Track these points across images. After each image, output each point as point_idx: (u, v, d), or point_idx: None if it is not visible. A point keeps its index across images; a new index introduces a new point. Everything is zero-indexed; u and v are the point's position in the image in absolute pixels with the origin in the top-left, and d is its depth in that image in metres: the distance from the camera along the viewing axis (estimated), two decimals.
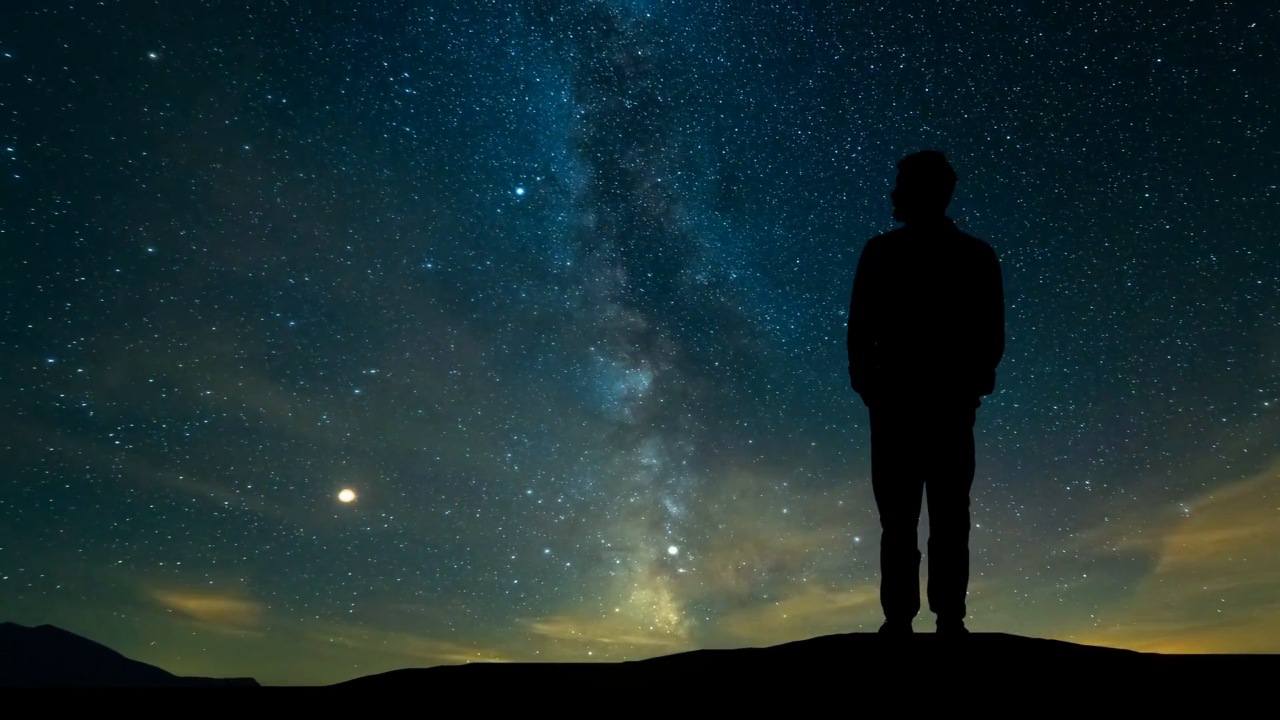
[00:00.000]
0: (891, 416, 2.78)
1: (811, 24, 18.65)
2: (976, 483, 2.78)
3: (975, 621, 2.76)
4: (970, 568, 2.75)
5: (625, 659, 3.43)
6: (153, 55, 16.92)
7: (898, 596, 2.74)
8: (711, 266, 21.23)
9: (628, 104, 19.88)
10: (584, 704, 2.02)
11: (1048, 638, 2.64)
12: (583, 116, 19.94)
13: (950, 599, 2.69)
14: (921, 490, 2.77)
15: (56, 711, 2.35)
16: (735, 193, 20.59)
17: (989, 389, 2.79)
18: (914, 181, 2.85)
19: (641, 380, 21.51)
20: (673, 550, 21.23)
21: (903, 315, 2.77)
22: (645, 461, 21.88)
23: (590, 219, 20.91)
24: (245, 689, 3.06)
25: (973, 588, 2.73)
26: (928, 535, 2.78)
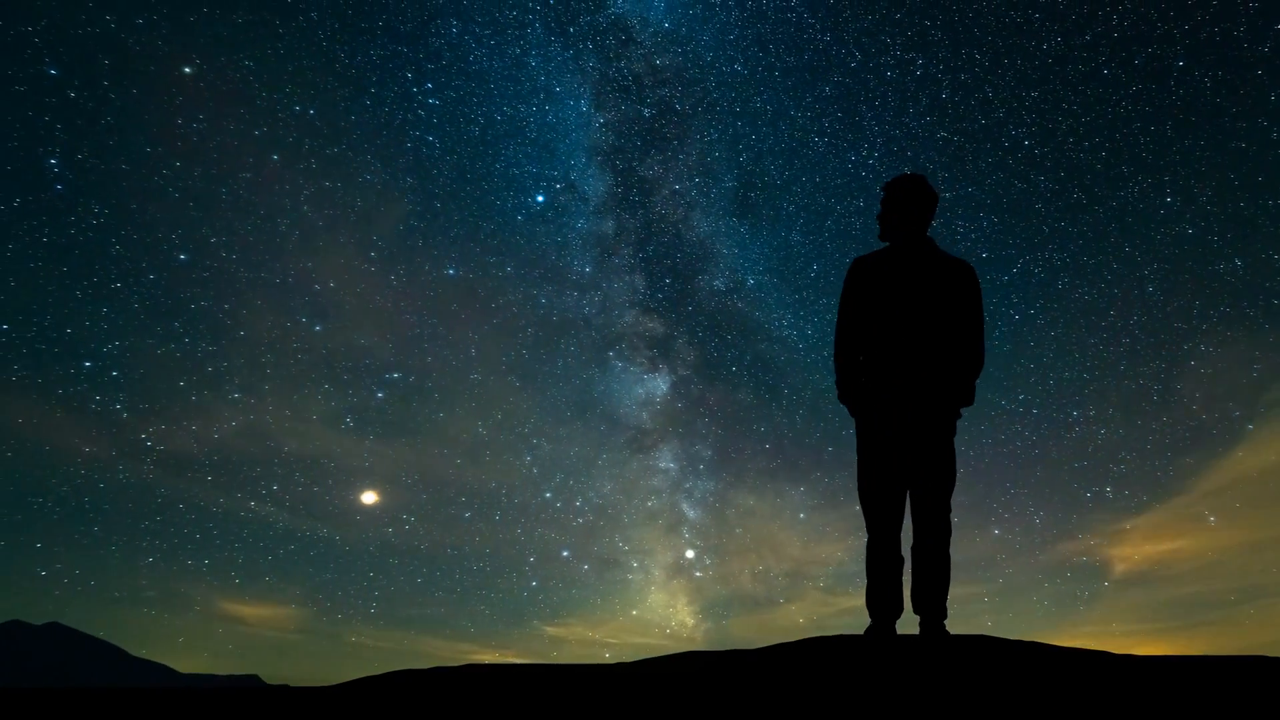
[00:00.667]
0: (877, 428, 2.86)
1: (828, 31, 18.69)
2: (994, 488, 2.85)
3: (988, 626, 2.83)
4: (955, 572, 2.82)
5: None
6: (187, 70, 17.23)
7: (882, 600, 2.81)
8: (729, 272, 21.35)
9: (646, 112, 20.04)
10: (577, 703, 2.09)
11: (1056, 641, 2.70)
12: (602, 125, 20.13)
13: (932, 602, 2.76)
14: (905, 498, 2.85)
15: (57, 710, 2.43)
16: (753, 199, 20.71)
17: (969, 401, 2.88)
18: (898, 203, 2.94)
19: (659, 385, 21.64)
20: (689, 554, 21.31)
21: (887, 331, 2.85)
22: (663, 466, 22.02)
23: (609, 226, 21.07)
24: (246, 688, 3.13)
25: (985, 592, 2.80)
26: (911, 541, 2.85)
